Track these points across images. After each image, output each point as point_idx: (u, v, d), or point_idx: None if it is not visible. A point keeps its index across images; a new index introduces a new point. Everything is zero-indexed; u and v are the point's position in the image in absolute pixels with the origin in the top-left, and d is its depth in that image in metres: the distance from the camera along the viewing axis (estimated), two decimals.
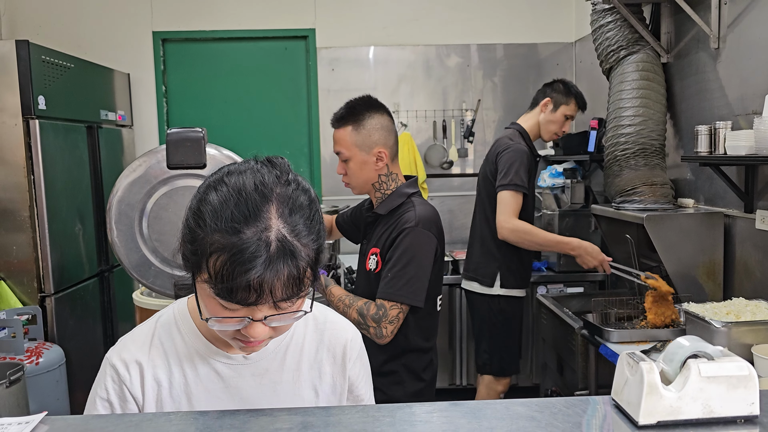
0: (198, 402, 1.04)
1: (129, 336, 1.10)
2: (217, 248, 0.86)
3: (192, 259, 0.91)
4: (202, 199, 0.92)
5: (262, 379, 1.07)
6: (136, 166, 1.77)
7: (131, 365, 1.05)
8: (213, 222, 0.87)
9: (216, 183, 0.93)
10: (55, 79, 3.33)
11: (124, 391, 1.04)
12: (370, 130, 1.90)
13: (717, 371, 0.72)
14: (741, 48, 2.57)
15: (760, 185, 2.48)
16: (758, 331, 2.10)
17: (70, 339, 3.29)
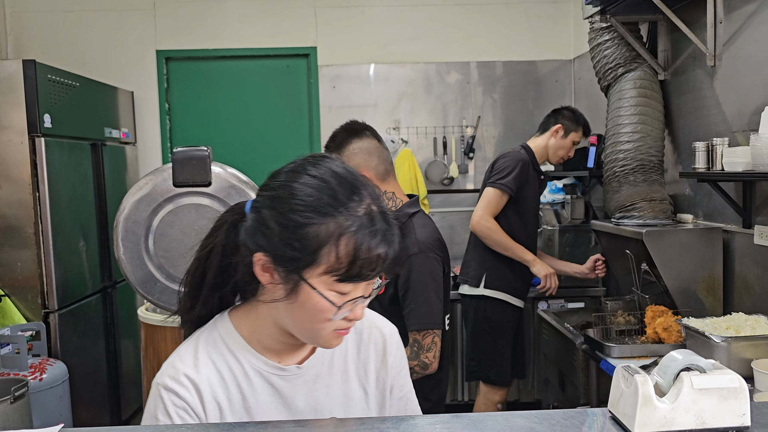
0: (258, 416, 1.02)
1: (175, 358, 1.04)
2: (338, 230, 0.88)
3: (304, 257, 0.90)
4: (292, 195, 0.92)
5: (315, 385, 1.06)
6: (143, 185, 1.80)
7: (188, 386, 1.00)
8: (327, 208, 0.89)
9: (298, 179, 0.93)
10: (61, 98, 3.37)
11: (189, 413, 0.99)
12: (349, 155, 1.96)
13: (709, 383, 0.74)
14: (737, 65, 2.61)
15: (758, 201, 2.50)
16: (758, 345, 2.11)
17: (74, 355, 3.31)
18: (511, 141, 4.26)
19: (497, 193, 3.01)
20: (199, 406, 0.99)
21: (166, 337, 1.82)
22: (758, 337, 2.12)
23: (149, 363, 1.87)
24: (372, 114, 4.56)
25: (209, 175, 1.78)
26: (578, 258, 3.55)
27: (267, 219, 0.93)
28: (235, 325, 1.05)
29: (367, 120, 4.83)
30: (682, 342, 2.39)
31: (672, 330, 2.48)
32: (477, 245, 3.15)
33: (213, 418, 1.00)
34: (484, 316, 3.10)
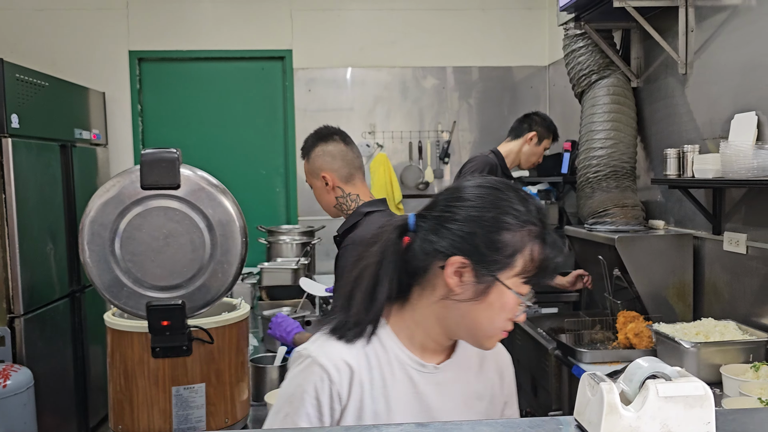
0: (394, 403, 1.11)
1: (328, 347, 1.12)
2: (531, 239, 1.04)
3: (503, 260, 1.04)
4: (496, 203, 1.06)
5: (444, 388, 1.16)
6: (110, 186, 1.76)
7: (342, 368, 1.09)
8: (521, 219, 1.04)
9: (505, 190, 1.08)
10: (29, 98, 3.30)
11: (333, 391, 1.08)
12: (314, 158, 2.10)
13: (674, 391, 0.74)
14: (708, 74, 2.64)
15: (728, 208, 2.53)
16: (727, 351, 2.14)
17: (40, 361, 3.23)
18: (487, 146, 4.26)
19: None
20: (345, 387, 1.09)
21: (133, 343, 1.78)
22: (727, 343, 2.15)
23: (115, 369, 1.82)
24: (347, 118, 4.54)
25: (178, 177, 1.74)
26: None
27: (466, 226, 1.05)
28: (387, 321, 1.15)
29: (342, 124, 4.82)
30: (653, 347, 2.41)
31: (643, 335, 2.50)
32: None
33: (355, 399, 1.09)
34: None
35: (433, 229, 1.08)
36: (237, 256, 1.78)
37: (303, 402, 1.09)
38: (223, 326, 1.83)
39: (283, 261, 3.51)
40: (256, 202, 4.55)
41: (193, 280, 1.76)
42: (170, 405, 1.77)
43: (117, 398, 1.81)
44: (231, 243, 1.76)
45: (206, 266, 1.76)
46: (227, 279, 1.78)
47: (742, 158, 2.16)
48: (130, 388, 1.78)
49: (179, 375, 1.77)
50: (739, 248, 2.43)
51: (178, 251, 1.74)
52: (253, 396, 2.11)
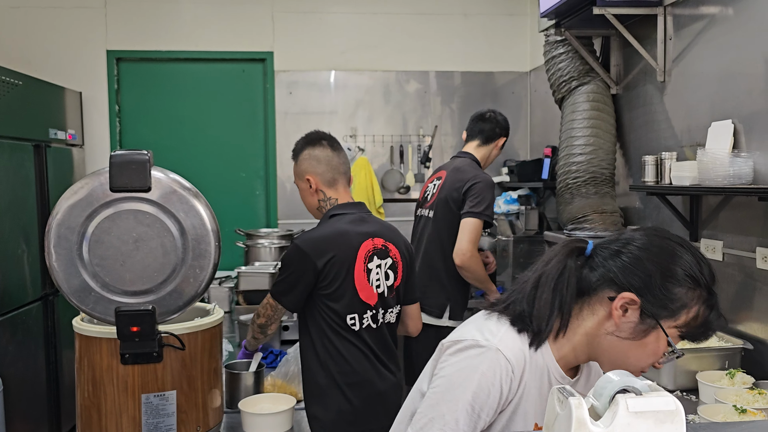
0: (534, 404, 1.17)
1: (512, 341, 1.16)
2: (699, 301, 1.11)
3: (670, 308, 1.11)
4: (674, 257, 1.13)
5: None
6: (78, 188, 1.72)
7: (519, 366, 1.14)
8: (699, 281, 1.11)
9: (682, 246, 1.16)
10: (2, 96, 3.24)
11: (512, 385, 1.13)
12: (301, 161, 2.16)
13: (645, 406, 0.73)
14: (686, 81, 2.66)
15: (704, 215, 2.55)
16: (703, 358, 2.14)
17: (10, 365, 3.16)
18: None
19: (480, 224, 2.78)
20: (517, 384, 1.14)
21: (102, 349, 1.74)
22: (703, 350, 2.15)
23: (83, 376, 1.78)
24: (329, 121, 4.52)
25: (149, 180, 1.70)
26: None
27: (648, 268, 1.12)
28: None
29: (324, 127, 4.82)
30: None
31: None
32: (433, 271, 2.87)
33: (518, 395, 1.14)
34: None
35: (612, 259, 1.16)
36: (210, 261, 1.75)
37: (489, 392, 1.11)
38: (195, 332, 1.80)
39: (261, 265, 3.47)
40: (235, 205, 4.50)
41: (164, 284, 1.72)
42: (140, 413, 1.73)
43: (85, 405, 1.77)
44: (203, 247, 1.73)
45: (178, 271, 1.72)
46: (199, 284, 1.75)
47: (719, 166, 2.17)
48: (99, 395, 1.74)
49: (149, 382, 1.74)
50: (715, 255, 2.44)
51: (149, 255, 1.71)
52: (227, 403, 2.08)
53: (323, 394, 1.96)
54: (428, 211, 2.95)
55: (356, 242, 2.00)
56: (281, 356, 2.46)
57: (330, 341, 1.97)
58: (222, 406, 1.90)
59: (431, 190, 2.98)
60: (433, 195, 2.95)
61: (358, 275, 1.99)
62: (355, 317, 1.98)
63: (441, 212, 2.88)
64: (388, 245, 2.06)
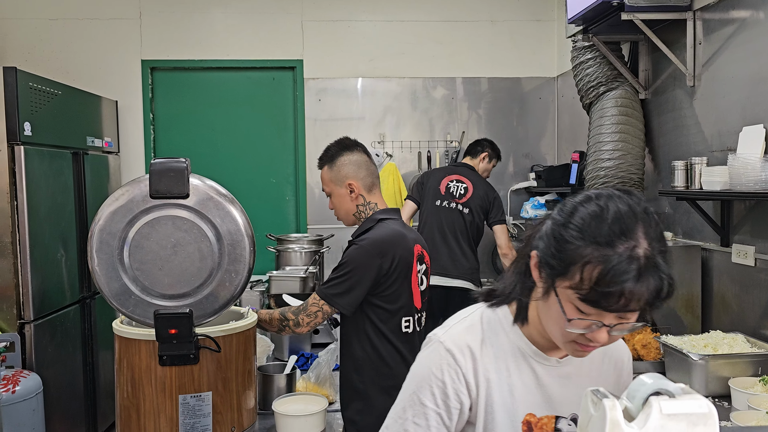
0: (518, 393, 1.15)
1: (460, 326, 1.19)
2: (593, 258, 0.98)
3: (558, 266, 1.02)
4: (573, 214, 1.03)
5: (567, 381, 1.18)
6: (119, 195, 1.77)
7: (466, 353, 1.14)
8: (590, 235, 0.99)
9: (585, 202, 1.05)
10: (42, 106, 3.34)
11: (460, 376, 1.13)
12: (340, 166, 2.12)
13: (678, 409, 0.74)
14: (716, 86, 2.64)
15: (736, 220, 2.53)
16: (735, 364, 2.12)
17: (49, 367, 3.26)
18: None
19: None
20: (471, 374, 1.13)
21: (140, 350, 1.79)
22: (736, 356, 2.13)
23: (123, 377, 1.83)
24: (357, 127, 4.56)
25: (187, 187, 1.76)
26: None
27: (549, 227, 1.07)
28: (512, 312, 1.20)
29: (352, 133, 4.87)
30: (661, 359, 2.40)
31: (651, 347, 2.48)
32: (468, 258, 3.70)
33: (482, 388, 1.13)
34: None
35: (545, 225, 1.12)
36: (245, 266, 1.79)
37: (429, 382, 1.14)
38: (230, 335, 1.84)
39: (292, 269, 3.52)
40: (265, 211, 4.57)
41: (201, 288, 1.77)
42: (177, 413, 1.78)
43: (124, 405, 1.82)
44: (239, 252, 1.78)
45: (214, 275, 1.77)
46: (235, 288, 1.79)
47: (750, 171, 2.16)
48: (137, 395, 1.79)
49: (186, 383, 1.78)
50: (747, 260, 2.41)
51: (186, 260, 1.76)
52: (261, 404, 2.12)
53: (362, 398, 1.98)
54: (463, 207, 3.70)
55: (411, 245, 2.03)
56: (312, 359, 2.50)
57: (372, 344, 1.99)
58: (255, 407, 1.94)
59: (457, 189, 3.74)
60: (462, 195, 3.72)
61: (413, 278, 2.03)
62: (410, 320, 2.02)
63: (476, 213, 3.71)
64: (424, 252, 2.11)
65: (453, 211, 3.70)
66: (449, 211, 3.70)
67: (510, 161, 4.65)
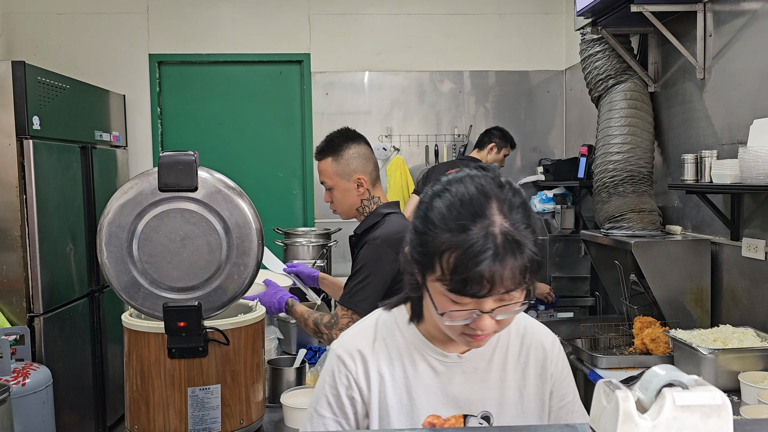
0: (417, 395, 1.12)
1: (353, 331, 1.19)
2: (448, 246, 0.95)
3: (423, 260, 1.00)
4: (428, 206, 1.01)
5: (472, 377, 1.14)
6: (128, 188, 1.78)
7: (356, 357, 1.13)
8: (442, 223, 0.97)
9: (440, 191, 1.02)
10: (50, 100, 3.35)
11: (350, 381, 1.12)
12: (348, 159, 2.06)
13: (691, 400, 0.73)
14: (726, 79, 2.62)
15: (746, 213, 2.51)
16: (745, 358, 2.11)
17: (59, 360, 3.27)
18: None
19: None
20: (362, 376, 1.12)
21: (150, 343, 1.79)
22: (745, 350, 2.12)
23: (132, 369, 1.84)
24: (364, 121, 4.56)
25: (196, 180, 1.76)
26: (568, 267, 3.55)
27: (415, 218, 1.04)
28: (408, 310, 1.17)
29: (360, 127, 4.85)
30: (670, 353, 2.39)
31: (660, 341, 2.48)
32: None
33: (374, 389, 1.12)
34: None
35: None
36: (253, 258, 1.79)
37: (324, 392, 1.14)
38: (239, 328, 1.85)
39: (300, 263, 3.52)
40: (273, 205, 4.57)
41: (210, 281, 1.77)
42: (186, 406, 1.79)
43: (133, 398, 1.83)
44: (247, 245, 1.78)
45: (222, 268, 1.77)
46: (243, 281, 1.79)
47: (761, 164, 2.14)
48: (147, 388, 1.80)
49: (195, 376, 1.79)
50: (757, 254, 2.40)
51: (195, 253, 1.76)
52: (269, 397, 2.12)
53: None
54: None
55: None
56: (320, 352, 2.51)
57: None
58: (264, 400, 1.94)
59: None
60: None
61: None
62: None
63: None
64: None
65: None
66: None
67: (518, 155, 4.63)
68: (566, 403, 1.22)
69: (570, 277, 3.79)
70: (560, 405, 1.21)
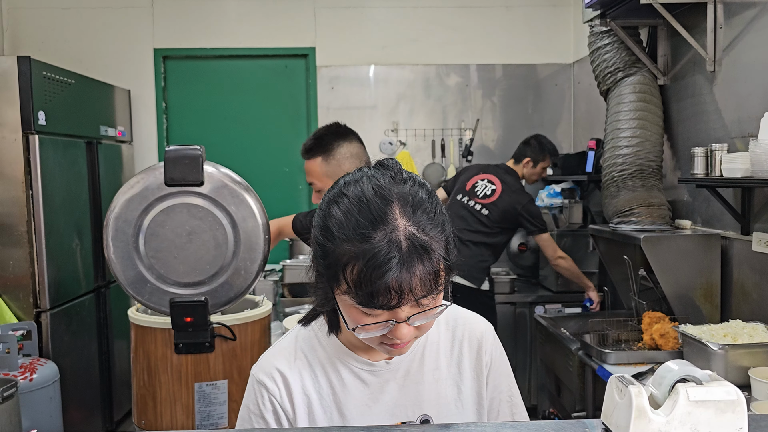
0: (348, 410, 1.05)
1: (270, 351, 1.11)
2: (350, 257, 0.88)
3: (327, 273, 0.93)
4: (326, 214, 0.94)
5: (405, 381, 1.08)
6: (134, 183, 1.77)
7: (277, 378, 1.05)
8: (341, 233, 0.89)
9: (336, 196, 0.94)
10: (56, 95, 3.35)
11: (275, 405, 1.05)
12: (339, 159, 1.95)
13: (705, 396, 0.72)
14: (737, 71, 2.59)
15: (757, 207, 2.48)
16: (755, 353, 2.09)
17: (65, 355, 3.28)
18: (510, 144, 4.24)
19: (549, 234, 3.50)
20: (286, 398, 1.04)
21: (156, 339, 1.79)
22: (756, 345, 2.10)
23: (139, 365, 1.84)
24: (370, 116, 4.54)
25: (202, 174, 1.75)
26: (576, 262, 3.53)
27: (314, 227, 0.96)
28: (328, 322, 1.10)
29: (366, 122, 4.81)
30: (679, 349, 2.37)
31: (669, 336, 2.46)
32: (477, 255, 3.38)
33: (301, 410, 1.04)
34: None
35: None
36: (259, 254, 1.78)
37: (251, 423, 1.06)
38: (245, 323, 1.84)
39: (306, 258, 3.52)
40: (278, 200, 4.56)
41: (216, 277, 1.77)
42: (193, 401, 1.78)
43: (140, 393, 1.83)
44: (254, 240, 1.77)
45: (229, 263, 1.76)
46: (250, 276, 1.79)
47: None
48: (154, 383, 1.80)
49: (202, 371, 1.79)
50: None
51: (201, 248, 1.76)
52: None
53: None
54: (482, 208, 3.41)
55: None
56: None
57: None
58: None
59: (483, 189, 3.46)
60: (487, 196, 3.43)
61: None
62: None
63: (495, 217, 3.38)
64: None
65: (469, 209, 3.43)
66: (464, 208, 3.44)
67: None
68: (504, 395, 1.15)
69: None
70: (499, 397, 1.15)
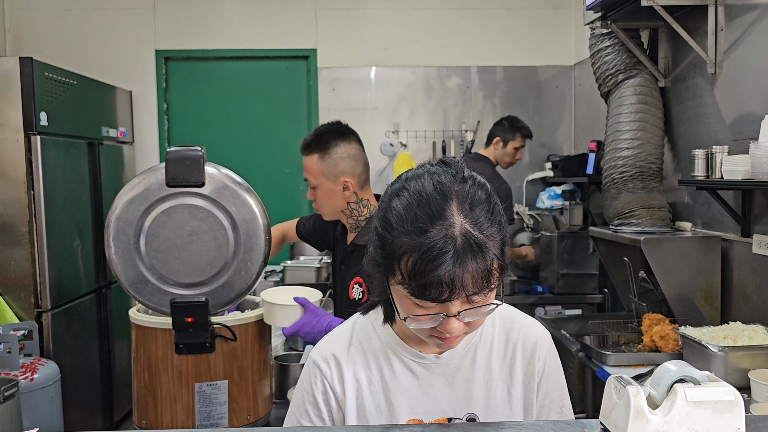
0: (396, 399, 1.09)
1: (329, 336, 1.18)
2: (406, 249, 0.91)
3: (384, 264, 0.96)
4: (387, 206, 0.97)
5: (455, 378, 1.11)
6: (135, 184, 1.77)
7: (330, 361, 1.11)
8: (399, 225, 0.93)
9: (398, 190, 0.98)
10: (58, 96, 3.36)
11: (326, 386, 1.11)
12: (336, 159, 1.94)
13: (703, 396, 0.73)
14: (738, 73, 2.59)
15: (757, 210, 2.48)
16: (755, 355, 2.09)
17: (66, 355, 3.29)
18: None
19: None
20: (337, 381, 1.10)
21: (157, 339, 1.79)
22: (756, 347, 2.10)
23: (140, 365, 1.84)
24: (371, 117, 4.54)
25: (203, 175, 1.75)
26: (576, 264, 3.54)
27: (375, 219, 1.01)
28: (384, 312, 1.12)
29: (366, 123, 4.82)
30: (679, 351, 2.37)
31: (669, 338, 2.46)
32: None
33: (350, 394, 1.10)
34: None
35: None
36: (260, 254, 1.79)
37: (303, 400, 1.13)
38: (246, 323, 1.84)
39: (306, 259, 3.52)
40: (279, 201, 4.57)
41: (217, 277, 1.77)
42: (193, 401, 1.79)
43: (141, 393, 1.83)
44: (254, 241, 1.77)
45: (230, 264, 1.77)
46: (250, 277, 1.79)
47: None
48: (154, 383, 1.80)
49: (202, 372, 1.79)
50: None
51: (202, 249, 1.76)
52: (276, 393, 2.12)
53: None
54: None
55: None
56: None
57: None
58: (271, 396, 1.94)
59: None
60: None
61: None
62: None
63: None
64: None
65: None
66: None
67: (526, 151, 4.60)
68: (555, 401, 1.17)
69: (578, 274, 3.77)
70: (542, 404, 1.16)
